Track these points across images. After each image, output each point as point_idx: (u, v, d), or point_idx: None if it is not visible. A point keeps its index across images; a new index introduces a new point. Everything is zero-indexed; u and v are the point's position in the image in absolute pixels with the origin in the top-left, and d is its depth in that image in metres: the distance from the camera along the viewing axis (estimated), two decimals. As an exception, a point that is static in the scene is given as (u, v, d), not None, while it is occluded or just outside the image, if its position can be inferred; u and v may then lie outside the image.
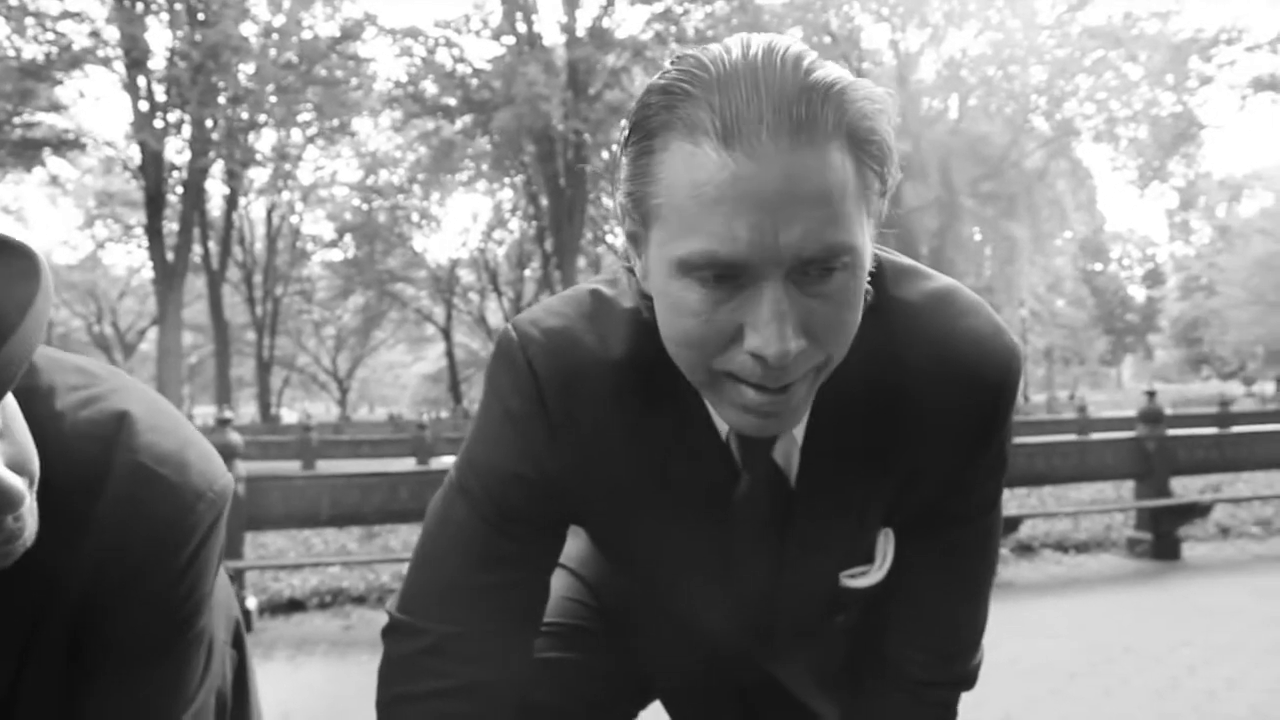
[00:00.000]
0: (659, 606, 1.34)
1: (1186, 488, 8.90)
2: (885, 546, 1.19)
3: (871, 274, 1.02)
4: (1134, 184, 35.06)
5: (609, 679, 1.39)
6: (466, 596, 1.16)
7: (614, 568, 1.39)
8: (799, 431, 1.08)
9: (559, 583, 1.42)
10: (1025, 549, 7.04)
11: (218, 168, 30.59)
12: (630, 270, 1.05)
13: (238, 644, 1.46)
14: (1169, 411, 9.12)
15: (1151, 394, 7.83)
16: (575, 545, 1.48)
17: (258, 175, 35.96)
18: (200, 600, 1.11)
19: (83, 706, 1.08)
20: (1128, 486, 8.61)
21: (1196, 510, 7.07)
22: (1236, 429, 8.40)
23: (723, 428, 1.09)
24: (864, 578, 1.20)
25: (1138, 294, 67.62)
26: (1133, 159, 35.21)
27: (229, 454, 5.54)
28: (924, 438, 1.08)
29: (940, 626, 1.26)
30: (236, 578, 5.36)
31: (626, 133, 0.94)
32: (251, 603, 5.47)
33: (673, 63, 0.91)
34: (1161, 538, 6.93)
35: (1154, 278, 66.78)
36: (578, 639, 1.39)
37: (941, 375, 1.06)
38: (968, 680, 1.31)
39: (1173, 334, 62.32)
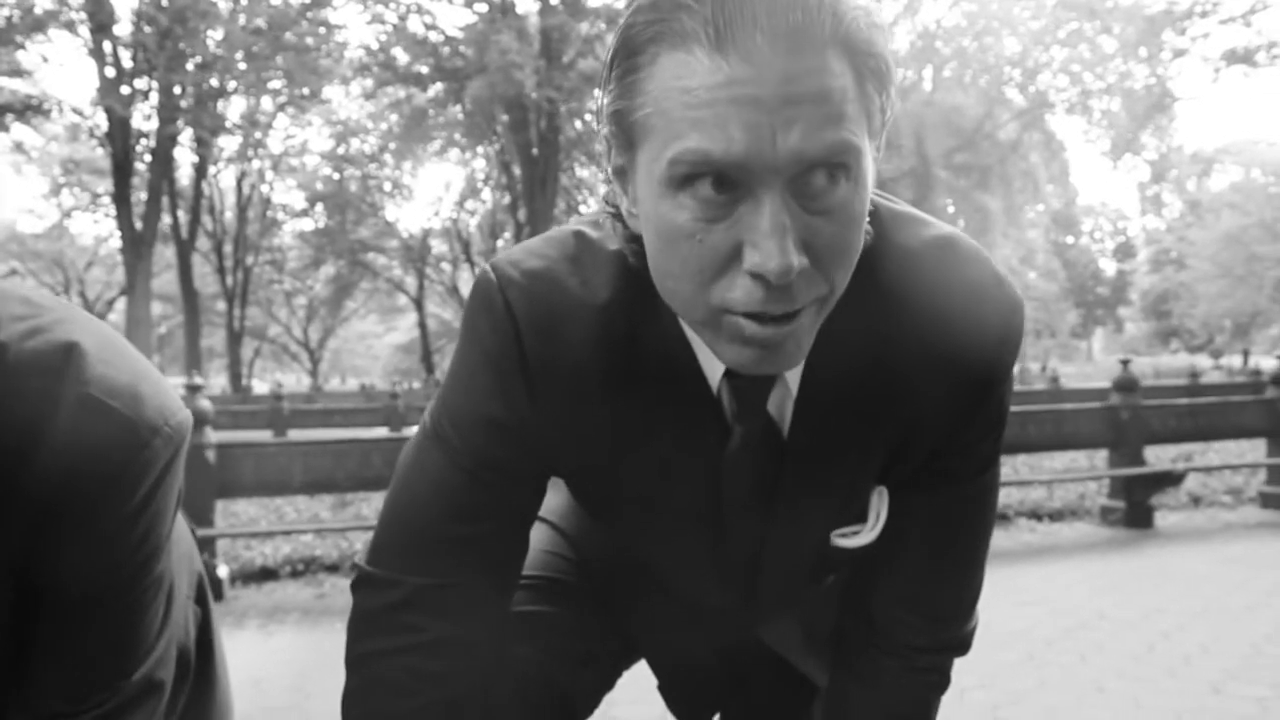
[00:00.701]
0: (641, 563, 1.29)
1: (1159, 457, 8.98)
2: (879, 505, 1.14)
3: (869, 219, 0.97)
4: (1107, 156, 35.26)
5: (590, 635, 1.34)
6: (441, 547, 1.11)
7: (595, 522, 1.34)
8: (794, 381, 1.04)
9: (538, 536, 1.37)
10: (1000, 517, 7.07)
11: (186, 135, 30.20)
12: (616, 214, 1.00)
13: (201, 600, 1.40)
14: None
15: (1126, 362, 7.86)
16: (555, 498, 1.43)
17: (227, 143, 35.61)
18: (157, 544, 1.05)
19: (33, 654, 1.02)
20: (1101, 456, 8.65)
21: (1169, 479, 7.13)
22: (1206, 400, 8.45)
23: (713, 379, 1.04)
24: (856, 537, 1.15)
25: (1109, 267, 68.19)
26: (1106, 131, 35.42)
27: (199, 420, 5.46)
28: (922, 390, 1.03)
29: (934, 589, 1.21)
30: (207, 546, 5.30)
31: (611, 56, 0.89)
32: (223, 571, 5.40)
33: None
34: (1135, 506, 6.98)
35: (1125, 251, 67.33)
36: (558, 593, 1.34)
37: (941, 325, 1.01)
38: (962, 645, 1.27)
39: (1143, 307, 62.84)
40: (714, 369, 1.03)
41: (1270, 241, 44.04)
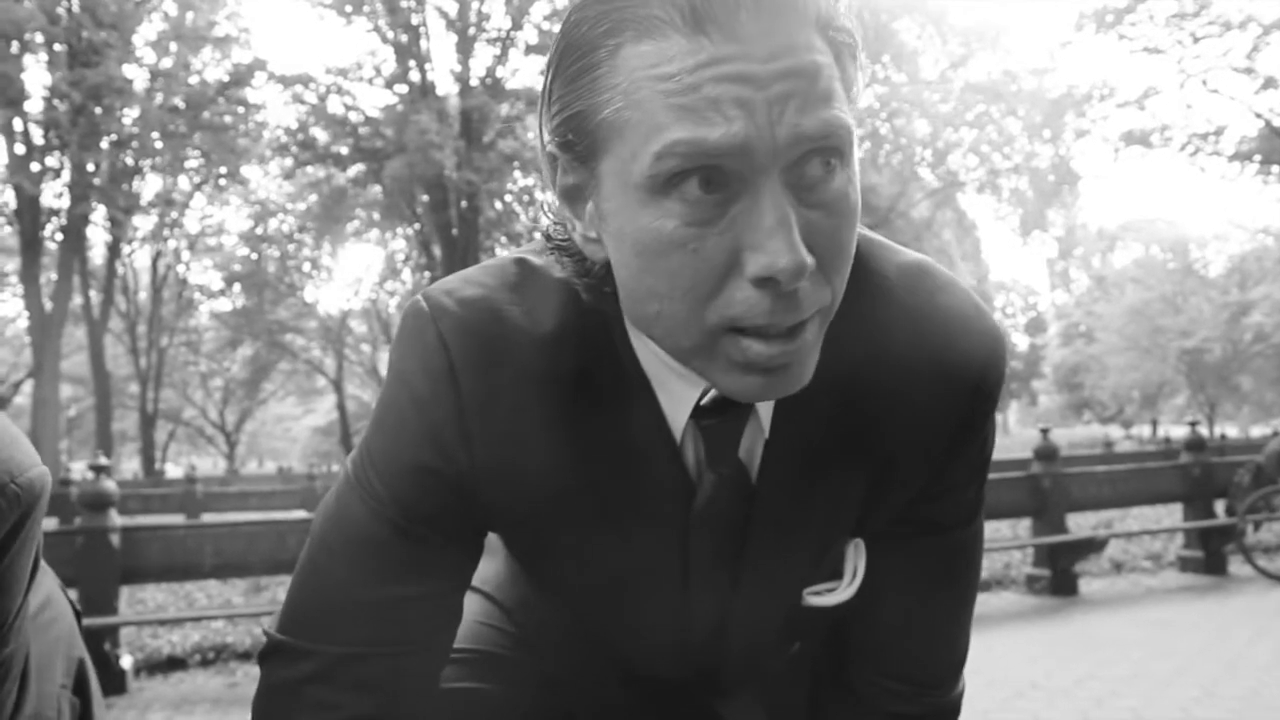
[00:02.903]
0: (589, 635, 1.17)
1: (1080, 524, 9.09)
2: (855, 559, 1.04)
3: None
4: (1016, 233, 36.35)
5: (529, 716, 1.19)
6: (362, 613, 0.97)
7: (536, 588, 1.21)
8: (765, 419, 0.93)
9: (471, 606, 1.22)
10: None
11: (100, 214, 29.65)
12: (560, 246, 0.90)
13: (81, 690, 1.25)
14: (1059, 451, 9.41)
15: (1045, 431, 7.98)
16: (489, 564, 1.28)
17: (142, 222, 35.08)
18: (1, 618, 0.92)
19: None
20: (1024, 525, 8.73)
21: (1092, 546, 7.21)
22: (1123, 467, 8.63)
23: (676, 422, 0.93)
24: (831, 595, 1.04)
25: (1021, 341, 69.82)
26: (1014, 209, 36.58)
27: (104, 503, 5.24)
28: (901, 428, 0.95)
29: (917, 652, 1.10)
30: (110, 634, 5.04)
31: (554, 60, 0.80)
32: (127, 661, 5.15)
33: None
34: (1059, 574, 7.04)
35: (1036, 325, 69.00)
36: (492, 667, 1.19)
37: (920, 356, 0.93)
38: (954, 712, 1.15)
39: (1055, 380, 64.26)
40: (677, 410, 0.93)
41: (1172, 315, 45.58)
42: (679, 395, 0.92)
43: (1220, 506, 8.50)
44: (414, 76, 31.50)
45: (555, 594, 1.15)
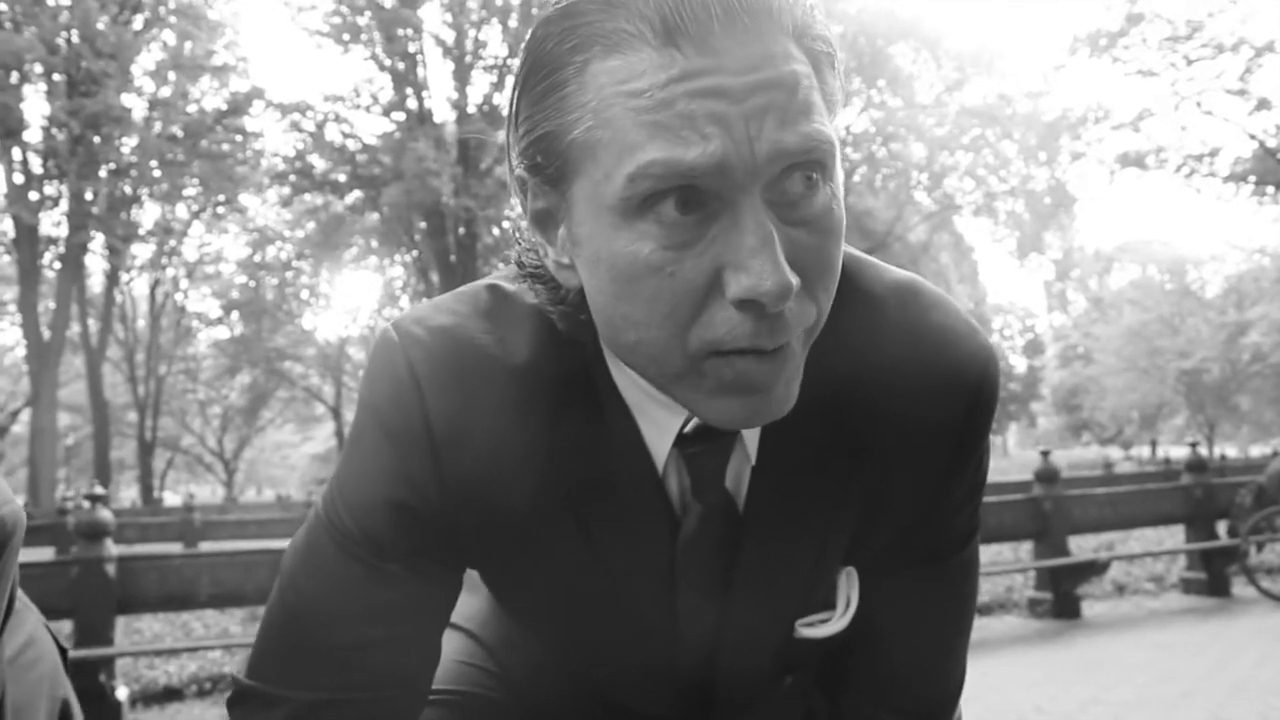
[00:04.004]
0: (575, 674, 1.12)
1: (1081, 547, 9.05)
2: (848, 589, 1.00)
3: None
4: (1013, 255, 36.42)
5: None
6: (333, 656, 0.92)
7: (517, 626, 1.17)
8: (752, 446, 0.90)
9: (451, 645, 1.18)
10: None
11: (98, 242, 29.69)
12: (534, 274, 0.88)
13: None
14: (1059, 473, 9.44)
15: (1046, 453, 7.96)
16: (470, 601, 1.24)
17: (140, 251, 35.10)
18: None
19: None
20: (1025, 548, 8.69)
21: (1094, 568, 7.17)
22: (1125, 489, 8.60)
23: (659, 453, 0.90)
24: (824, 626, 1.00)
25: (1019, 363, 69.82)
26: (1011, 232, 36.67)
27: (100, 532, 5.21)
28: (891, 451, 0.91)
29: (912, 683, 1.06)
30: (105, 665, 4.99)
31: (520, 80, 0.77)
32: (122, 693, 5.10)
33: None
34: (1062, 597, 6.99)
35: (1034, 348, 69.00)
36: (474, 710, 1.14)
37: (913, 376, 0.89)
38: None
39: (1054, 402, 64.24)
40: (660, 439, 0.90)
41: (1170, 335, 45.65)
42: (661, 423, 0.89)
43: (1222, 528, 8.48)
44: (411, 104, 31.66)
45: (535, 631, 1.11)
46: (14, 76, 26.00)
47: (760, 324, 0.72)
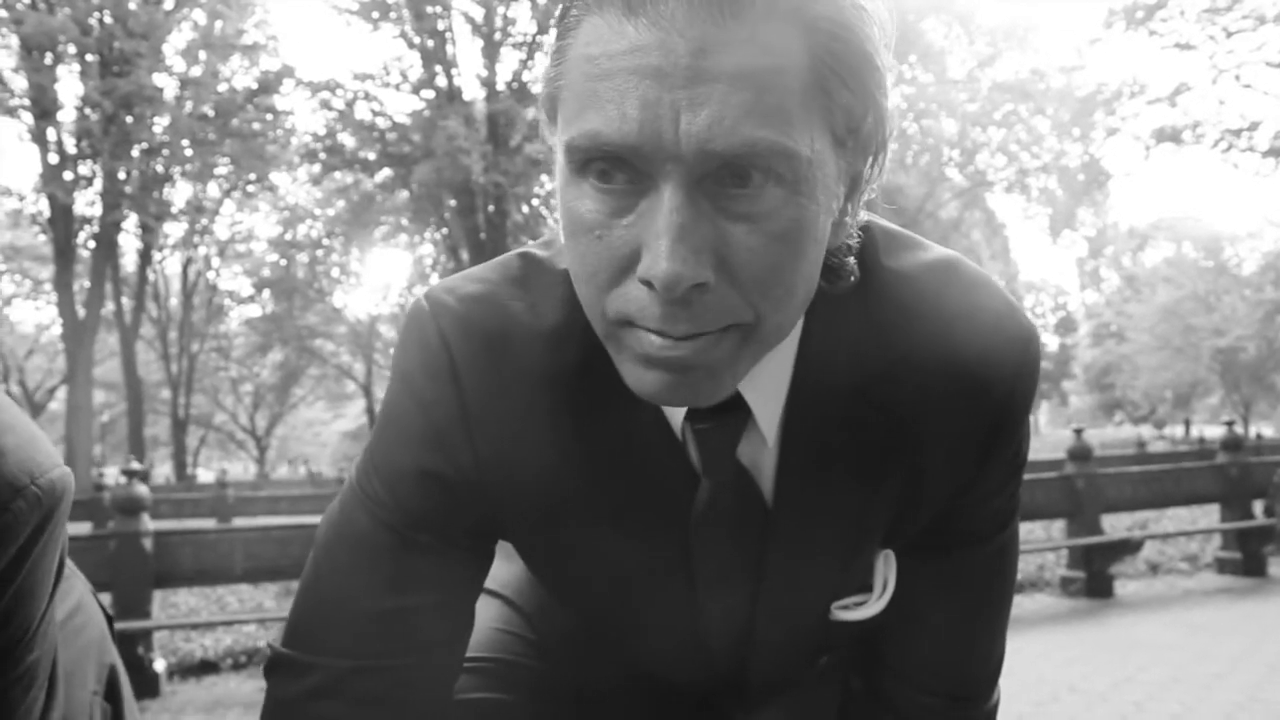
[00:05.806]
0: (605, 644, 1.12)
1: (1114, 525, 8.98)
2: (885, 571, 0.99)
3: (860, 243, 0.86)
4: (1046, 232, 36.06)
5: None
6: (368, 624, 0.93)
7: (550, 593, 1.16)
8: (770, 430, 0.89)
9: (488, 611, 1.19)
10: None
11: (131, 221, 29.93)
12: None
13: (112, 696, 1.22)
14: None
15: (1079, 431, 7.88)
16: (507, 568, 1.23)
17: (173, 229, 35.37)
18: (25, 626, 0.88)
19: None
20: (1058, 526, 8.63)
21: (1127, 547, 7.13)
22: (1159, 467, 8.52)
23: (676, 421, 0.89)
24: (861, 609, 1.00)
25: (1051, 342, 69.25)
26: (1044, 209, 36.30)
27: (136, 507, 5.27)
28: (928, 435, 0.89)
29: (950, 665, 1.05)
30: (143, 638, 5.06)
31: (555, 21, 0.77)
32: (160, 665, 5.17)
33: None
34: (1094, 576, 6.95)
35: (1066, 326, 68.45)
36: (510, 677, 1.14)
37: (948, 358, 0.87)
38: None
39: (1086, 380, 63.72)
40: (674, 411, 0.89)
41: (1204, 313, 45.08)
42: None
43: (1259, 507, 8.38)
44: (441, 82, 31.60)
45: (563, 597, 1.11)
46: (48, 57, 26.17)
47: (666, 308, 0.71)
